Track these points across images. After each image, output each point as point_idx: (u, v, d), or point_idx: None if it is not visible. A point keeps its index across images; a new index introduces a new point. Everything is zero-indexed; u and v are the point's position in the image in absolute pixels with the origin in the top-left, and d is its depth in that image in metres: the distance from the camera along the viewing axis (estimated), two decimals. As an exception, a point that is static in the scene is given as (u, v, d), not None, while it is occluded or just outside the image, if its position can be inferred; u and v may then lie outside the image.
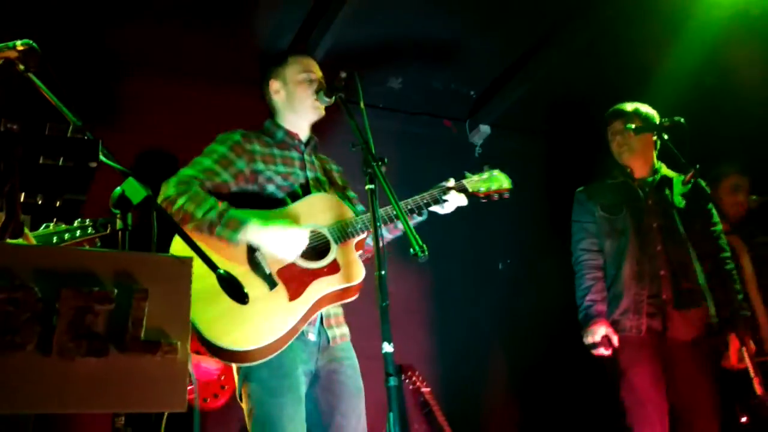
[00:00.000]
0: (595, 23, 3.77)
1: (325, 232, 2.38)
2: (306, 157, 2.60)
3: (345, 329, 2.47)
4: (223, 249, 2.27)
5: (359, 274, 2.35)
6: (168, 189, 2.30)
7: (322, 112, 2.58)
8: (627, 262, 3.16)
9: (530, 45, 4.05)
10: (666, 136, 3.15)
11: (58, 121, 1.68)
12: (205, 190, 2.36)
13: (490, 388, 4.24)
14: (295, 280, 2.28)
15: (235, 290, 1.53)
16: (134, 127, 3.49)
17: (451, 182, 2.55)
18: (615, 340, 3.08)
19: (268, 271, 2.26)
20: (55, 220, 1.86)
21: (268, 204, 2.43)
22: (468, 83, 4.42)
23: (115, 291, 1.21)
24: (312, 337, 2.34)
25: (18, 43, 1.79)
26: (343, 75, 2.29)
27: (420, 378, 3.59)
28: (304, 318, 2.26)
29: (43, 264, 1.19)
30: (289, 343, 2.23)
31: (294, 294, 2.26)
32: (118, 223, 1.57)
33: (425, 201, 2.49)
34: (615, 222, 3.23)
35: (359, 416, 2.35)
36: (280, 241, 2.27)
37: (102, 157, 1.44)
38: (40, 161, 1.36)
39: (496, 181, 2.59)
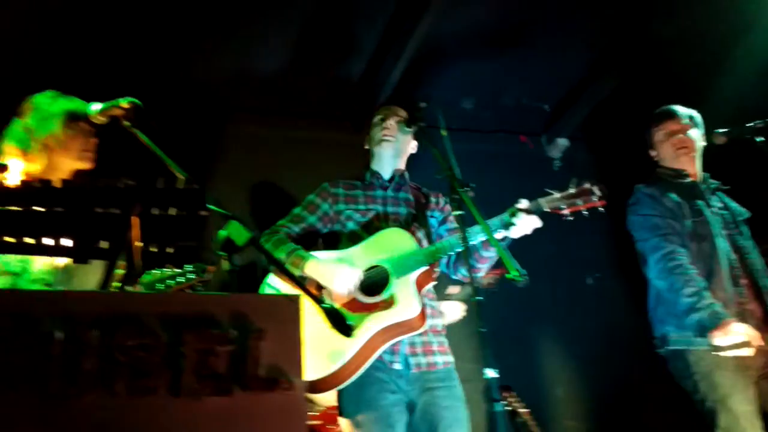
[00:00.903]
0: (671, 29, 3.69)
1: (387, 266, 2.45)
2: (390, 193, 2.70)
3: (439, 357, 2.48)
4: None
5: (413, 309, 2.39)
6: (262, 236, 2.56)
7: (396, 146, 2.68)
8: (717, 269, 2.83)
9: (604, 55, 4.00)
10: (760, 139, 2.90)
11: (162, 171, 1.80)
12: (294, 234, 2.62)
13: (586, 407, 4.13)
14: (354, 315, 2.36)
15: (339, 323, 1.57)
16: (238, 169, 3.67)
17: (523, 204, 2.48)
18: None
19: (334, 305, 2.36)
20: (168, 265, 1.98)
21: (349, 240, 2.60)
22: (540, 97, 4.39)
23: (234, 332, 1.27)
24: (396, 366, 2.39)
25: (123, 100, 1.92)
26: (422, 105, 2.34)
27: (516, 398, 3.54)
28: (364, 351, 2.33)
29: (167, 310, 1.26)
30: (361, 372, 2.31)
31: None
32: (225, 264, 1.65)
33: (495, 225, 2.45)
34: (698, 226, 2.91)
35: None
36: (331, 277, 2.42)
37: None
38: (154, 212, 1.45)
39: (584, 194, 2.50)
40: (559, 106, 4.42)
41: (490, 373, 1.79)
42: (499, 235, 2.44)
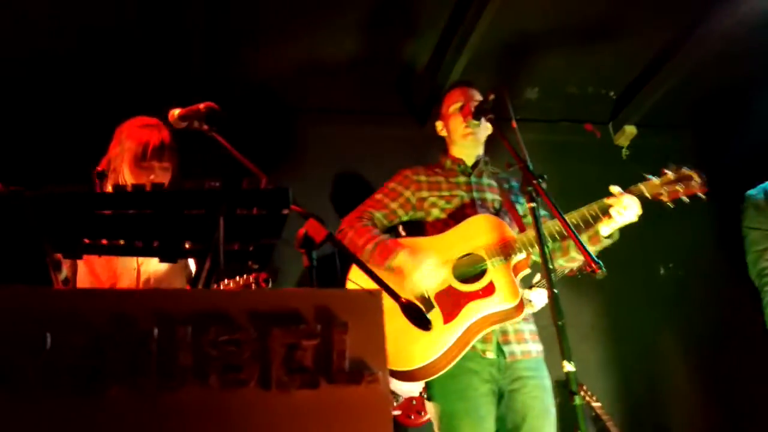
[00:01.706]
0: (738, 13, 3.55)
1: (483, 254, 2.41)
2: (473, 179, 2.66)
3: (531, 346, 2.45)
4: (389, 277, 2.38)
5: (514, 296, 2.34)
6: (343, 223, 2.51)
7: (479, 136, 2.65)
8: None
9: (672, 39, 3.88)
10: None
11: (241, 172, 1.85)
12: (376, 221, 2.59)
13: (663, 400, 4.03)
14: (450, 303, 2.35)
15: (418, 317, 1.59)
16: (305, 166, 3.74)
17: (617, 189, 2.38)
18: None
19: (426, 295, 2.36)
20: (249, 263, 2.04)
21: (434, 228, 2.54)
22: (606, 84, 4.30)
23: (318, 326, 1.30)
24: (490, 355, 2.37)
25: (201, 106, 1.99)
26: (491, 96, 2.32)
27: (589, 393, 3.49)
28: (461, 340, 2.30)
29: (254, 306, 1.30)
30: (455, 363, 2.29)
31: (448, 317, 2.33)
32: (305, 261, 1.69)
33: (592, 213, 2.38)
34: None
35: None
36: (421, 269, 2.38)
37: (288, 203, 1.56)
38: (237, 212, 1.50)
39: (685, 180, 2.36)
40: (626, 93, 4.32)
41: (569, 366, 1.77)
42: (606, 230, 2.36)
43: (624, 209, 2.31)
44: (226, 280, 2.55)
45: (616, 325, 4.08)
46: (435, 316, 2.33)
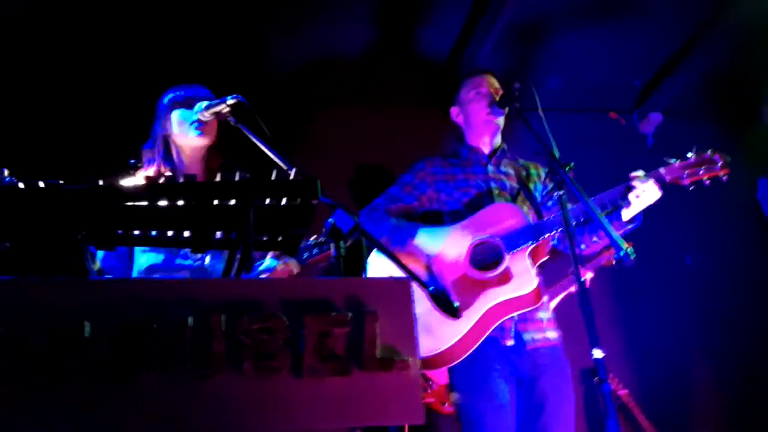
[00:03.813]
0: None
1: (498, 241, 2.41)
2: (490, 168, 2.65)
3: (550, 333, 2.46)
4: (408, 263, 2.39)
5: (530, 283, 2.34)
6: (361, 216, 2.51)
7: (499, 123, 2.64)
8: None
9: (698, 26, 3.83)
10: None
11: (266, 163, 1.87)
12: (391, 214, 2.58)
13: (687, 388, 4.00)
14: (466, 291, 2.35)
15: (445, 305, 1.60)
16: (331, 159, 3.76)
17: (640, 173, 2.40)
18: None
19: (441, 283, 2.37)
20: (278, 253, 2.07)
21: (451, 219, 2.53)
22: (630, 73, 4.26)
23: (349, 314, 1.31)
24: (509, 342, 2.37)
25: (228, 99, 2.01)
26: (517, 85, 2.32)
27: (615, 380, 3.48)
28: (477, 328, 2.30)
29: (285, 294, 1.32)
30: (473, 351, 2.29)
31: (464, 304, 2.33)
32: (333, 250, 1.71)
33: (611, 197, 2.39)
34: None
35: (566, 424, 2.34)
36: (437, 250, 2.38)
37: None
38: (267, 203, 1.51)
39: (706, 163, 2.37)
40: (651, 81, 4.28)
41: (598, 353, 1.77)
42: (628, 213, 2.36)
43: (641, 193, 2.32)
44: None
45: (640, 314, 4.04)
46: None
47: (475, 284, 2.36)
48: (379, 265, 2.45)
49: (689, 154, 2.40)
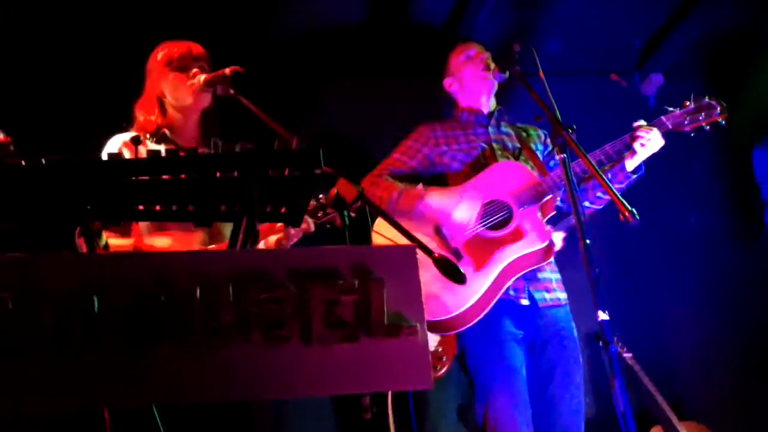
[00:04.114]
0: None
1: (508, 199, 2.42)
2: (491, 129, 2.66)
3: (559, 294, 2.48)
4: (413, 229, 2.40)
5: (542, 238, 2.36)
6: (363, 183, 2.52)
7: (493, 82, 2.64)
8: None
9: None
10: None
11: (268, 134, 1.86)
12: (396, 178, 2.59)
13: (690, 353, 4.03)
14: (479, 251, 2.37)
15: (452, 272, 1.61)
16: (330, 130, 3.74)
17: (642, 122, 2.47)
18: None
19: (453, 245, 2.37)
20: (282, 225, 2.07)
21: (455, 181, 2.54)
22: (630, 34, 4.21)
23: (356, 282, 1.32)
24: (524, 301, 2.39)
25: (227, 70, 1.99)
26: (517, 48, 2.30)
27: (620, 343, 3.51)
28: (494, 287, 2.31)
29: (292, 264, 1.33)
30: (488, 311, 2.30)
31: (479, 264, 2.35)
32: (337, 220, 1.71)
33: (616, 149, 2.44)
34: None
35: (576, 388, 2.36)
36: (449, 212, 2.39)
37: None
38: (269, 174, 1.51)
39: (705, 109, 2.43)
40: (651, 42, 4.24)
41: (603, 315, 1.79)
42: (632, 163, 2.41)
43: (647, 141, 2.37)
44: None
45: (644, 275, 4.06)
46: (466, 264, 2.35)
47: (488, 243, 2.38)
48: (384, 231, 2.47)
49: (687, 102, 2.48)
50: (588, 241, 1.86)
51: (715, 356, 4.01)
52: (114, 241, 1.99)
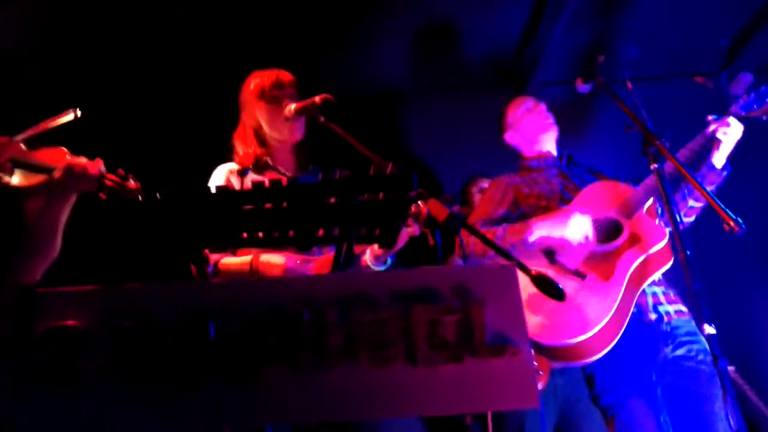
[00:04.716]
0: None
1: (612, 214, 2.40)
2: (565, 169, 2.72)
3: (680, 307, 2.40)
4: (525, 260, 2.37)
5: (660, 235, 2.30)
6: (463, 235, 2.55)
7: (557, 129, 2.66)
8: None
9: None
10: None
11: (359, 159, 1.91)
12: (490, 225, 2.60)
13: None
14: (601, 265, 2.32)
15: (551, 288, 1.60)
16: (414, 149, 3.79)
17: (713, 116, 2.45)
18: None
19: (573, 266, 2.34)
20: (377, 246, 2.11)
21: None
22: (714, 33, 4.07)
23: (457, 302, 1.33)
24: (652, 316, 2.32)
25: (317, 98, 2.06)
26: (601, 59, 2.28)
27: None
28: (626, 297, 2.24)
29: (394, 285, 1.35)
30: (621, 334, 2.20)
31: (606, 276, 2.28)
32: (430, 240, 1.73)
33: (700, 143, 2.39)
34: None
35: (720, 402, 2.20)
36: (563, 228, 2.36)
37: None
38: (366, 198, 1.55)
39: None
40: (738, 40, 4.08)
41: (710, 329, 1.72)
42: (719, 157, 2.37)
43: (727, 129, 2.36)
44: None
45: (731, 283, 3.88)
46: (592, 280, 2.29)
47: (607, 255, 2.33)
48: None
49: (761, 88, 2.47)
50: (688, 253, 1.80)
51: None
52: (231, 260, 2.06)
